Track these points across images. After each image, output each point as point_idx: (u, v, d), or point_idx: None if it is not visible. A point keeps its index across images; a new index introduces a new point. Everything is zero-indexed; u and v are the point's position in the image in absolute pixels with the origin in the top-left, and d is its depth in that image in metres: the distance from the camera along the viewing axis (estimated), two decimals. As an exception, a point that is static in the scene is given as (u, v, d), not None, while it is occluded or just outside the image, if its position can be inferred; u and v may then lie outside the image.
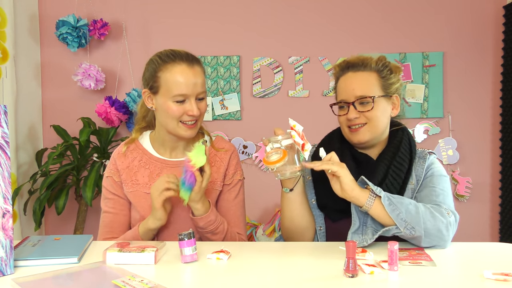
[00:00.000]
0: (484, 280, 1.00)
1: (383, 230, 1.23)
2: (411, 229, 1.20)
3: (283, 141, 1.25)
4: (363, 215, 1.28)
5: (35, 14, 2.90)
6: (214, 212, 1.40)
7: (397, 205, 1.21)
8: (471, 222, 2.87)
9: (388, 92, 1.40)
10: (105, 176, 1.51)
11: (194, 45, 2.90)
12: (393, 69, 1.42)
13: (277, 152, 1.23)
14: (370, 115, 1.36)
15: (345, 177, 1.24)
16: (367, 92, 1.36)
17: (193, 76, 1.37)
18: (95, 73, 2.77)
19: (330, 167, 1.24)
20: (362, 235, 1.27)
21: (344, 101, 1.40)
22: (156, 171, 1.47)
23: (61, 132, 2.73)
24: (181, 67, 1.36)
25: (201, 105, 1.40)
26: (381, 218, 1.24)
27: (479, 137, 2.90)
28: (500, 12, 2.83)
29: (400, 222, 1.20)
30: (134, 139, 1.53)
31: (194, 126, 1.41)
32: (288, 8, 2.91)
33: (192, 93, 1.37)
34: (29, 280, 1.00)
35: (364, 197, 1.23)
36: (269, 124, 2.96)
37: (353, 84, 1.39)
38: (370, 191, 1.24)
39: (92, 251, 1.26)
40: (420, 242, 1.24)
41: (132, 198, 1.47)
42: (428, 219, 1.22)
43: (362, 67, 1.40)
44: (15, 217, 2.62)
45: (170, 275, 1.08)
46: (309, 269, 1.11)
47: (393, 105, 1.42)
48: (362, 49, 2.87)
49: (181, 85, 1.35)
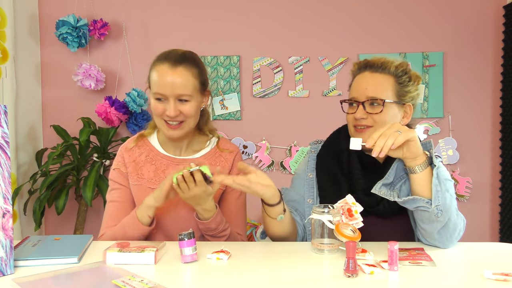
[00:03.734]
0: (484, 280, 1.00)
1: (414, 197, 1.21)
2: (440, 211, 1.19)
3: None
4: (399, 176, 1.27)
5: (35, 14, 2.90)
6: (218, 219, 1.40)
7: (441, 183, 1.20)
8: (471, 222, 2.85)
9: (403, 99, 1.37)
10: (112, 169, 1.54)
11: (194, 45, 2.89)
12: (412, 77, 1.39)
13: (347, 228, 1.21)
14: (378, 119, 1.34)
15: (417, 139, 1.20)
16: (378, 94, 1.34)
17: (172, 76, 1.37)
18: (95, 73, 2.77)
19: (405, 138, 1.16)
20: (390, 190, 1.26)
21: (354, 99, 1.38)
22: (161, 167, 1.49)
23: (61, 132, 2.73)
24: (163, 67, 1.39)
25: (183, 107, 1.39)
26: (420, 186, 1.22)
27: (479, 137, 2.90)
28: (500, 12, 2.83)
29: (435, 198, 1.19)
30: (144, 135, 1.55)
31: (177, 127, 1.41)
32: (288, 8, 2.91)
33: (171, 94, 1.37)
34: (29, 280, 1.00)
35: (421, 160, 1.21)
36: (269, 124, 2.97)
37: (367, 83, 1.36)
38: (427, 157, 1.23)
39: (92, 251, 1.26)
40: (433, 233, 1.24)
41: (136, 191, 1.48)
42: (455, 213, 1.24)
43: (381, 69, 1.37)
44: (15, 217, 2.62)
45: (170, 275, 1.08)
46: (309, 269, 1.11)
47: (404, 114, 1.39)
48: (362, 49, 2.88)
49: (158, 84, 1.38)
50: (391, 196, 1.25)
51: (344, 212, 1.23)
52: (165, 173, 1.48)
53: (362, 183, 1.37)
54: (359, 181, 1.38)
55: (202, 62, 1.48)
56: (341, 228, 1.17)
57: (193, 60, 1.43)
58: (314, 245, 1.23)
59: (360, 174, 1.39)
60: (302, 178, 1.50)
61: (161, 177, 1.47)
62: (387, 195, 1.25)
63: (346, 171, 1.42)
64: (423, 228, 1.26)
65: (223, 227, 1.42)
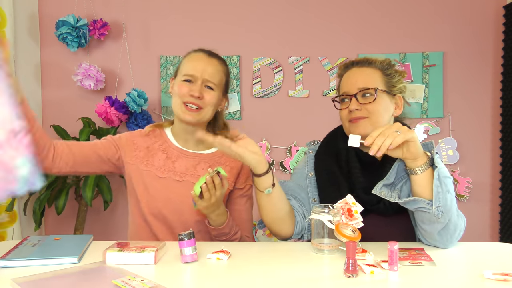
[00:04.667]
0: (484, 280, 1.00)
1: (415, 198, 1.21)
2: (440, 212, 1.19)
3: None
4: (399, 176, 1.28)
5: (35, 14, 2.90)
6: (230, 223, 1.43)
7: (442, 184, 1.20)
8: (471, 222, 2.85)
9: (392, 90, 1.40)
10: (117, 136, 1.58)
11: (194, 45, 2.85)
12: (398, 71, 1.43)
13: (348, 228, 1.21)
14: (371, 108, 1.35)
15: (417, 139, 1.20)
16: (369, 84, 1.36)
17: (205, 63, 1.49)
18: (95, 73, 2.77)
19: (403, 138, 1.17)
20: (391, 191, 1.27)
21: (346, 93, 1.39)
22: (172, 158, 1.53)
23: (61, 132, 2.73)
24: (199, 55, 1.53)
25: (207, 93, 1.48)
26: (421, 187, 1.22)
27: (479, 137, 2.90)
28: (500, 12, 2.83)
29: (436, 200, 1.19)
30: (161, 125, 1.62)
31: (195, 111, 1.47)
32: (288, 8, 2.91)
33: (200, 76, 1.47)
34: (29, 280, 1.00)
35: (422, 161, 1.21)
36: (269, 124, 2.97)
37: (356, 77, 1.39)
38: (428, 158, 1.23)
39: (92, 251, 1.26)
40: (433, 234, 1.24)
41: (144, 176, 1.51)
42: (455, 213, 1.24)
43: (367, 64, 1.41)
44: (15, 217, 2.62)
45: (170, 275, 1.08)
46: (309, 269, 1.11)
47: (396, 105, 1.41)
48: (362, 49, 2.88)
49: (191, 66, 1.49)
50: (391, 197, 1.25)
51: (344, 212, 1.23)
52: (174, 164, 1.51)
53: (362, 181, 1.37)
54: (359, 180, 1.38)
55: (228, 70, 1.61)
56: (341, 228, 1.18)
57: (224, 62, 1.58)
58: (314, 245, 1.23)
59: (359, 172, 1.39)
60: (302, 173, 1.51)
61: (170, 167, 1.51)
62: (388, 196, 1.25)
63: (345, 170, 1.42)
64: (423, 229, 1.26)
65: (234, 230, 1.45)
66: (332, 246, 1.20)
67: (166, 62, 2.90)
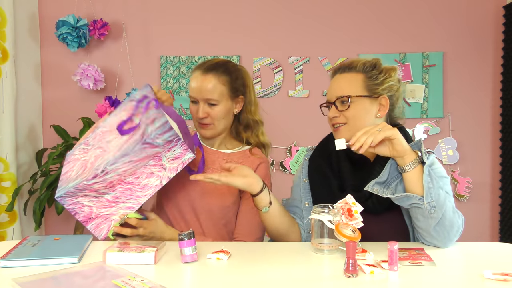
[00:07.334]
0: (484, 280, 1.00)
1: (407, 194, 1.24)
2: (433, 207, 1.21)
3: None
4: (393, 176, 1.30)
5: (35, 14, 2.90)
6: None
7: (433, 180, 1.23)
8: (471, 222, 2.85)
9: (375, 92, 1.40)
10: None
11: (194, 45, 2.90)
12: (383, 70, 1.43)
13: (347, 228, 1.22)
14: (348, 115, 1.40)
15: (399, 137, 1.24)
16: (345, 92, 1.41)
17: (202, 81, 1.54)
18: (93, 73, 2.76)
19: (383, 135, 1.23)
20: (384, 188, 1.29)
21: (328, 101, 1.46)
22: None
23: (61, 132, 2.73)
24: (196, 73, 1.58)
25: (211, 110, 1.54)
26: (412, 183, 1.24)
27: (479, 137, 2.90)
28: (500, 12, 2.83)
29: (427, 195, 1.21)
30: None
31: (206, 126, 1.57)
32: (288, 8, 2.91)
33: (200, 97, 1.54)
34: (29, 280, 1.00)
35: (410, 158, 1.24)
36: (269, 124, 2.96)
37: (336, 85, 1.45)
38: (417, 156, 1.26)
39: (92, 251, 1.27)
40: (429, 231, 1.25)
41: None
42: (450, 210, 1.25)
43: (348, 69, 1.45)
44: (15, 217, 2.62)
45: (170, 275, 1.08)
46: (309, 269, 1.11)
47: (380, 107, 1.41)
48: (362, 49, 2.88)
49: (192, 87, 1.57)
50: (384, 193, 1.27)
51: (344, 212, 1.23)
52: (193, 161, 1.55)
53: (351, 179, 1.41)
54: (348, 177, 1.42)
55: (238, 71, 1.61)
56: (341, 228, 1.18)
57: (225, 69, 1.57)
58: (314, 245, 1.23)
59: (349, 171, 1.43)
60: (298, 185, 1.56)
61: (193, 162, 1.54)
62: (380, 192, 1.28)
63: (336, 170, 1.47)
64: (419, 227, 1.28)
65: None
66: (332, 246, 1.21)
67: (166, 62, 2.90)
